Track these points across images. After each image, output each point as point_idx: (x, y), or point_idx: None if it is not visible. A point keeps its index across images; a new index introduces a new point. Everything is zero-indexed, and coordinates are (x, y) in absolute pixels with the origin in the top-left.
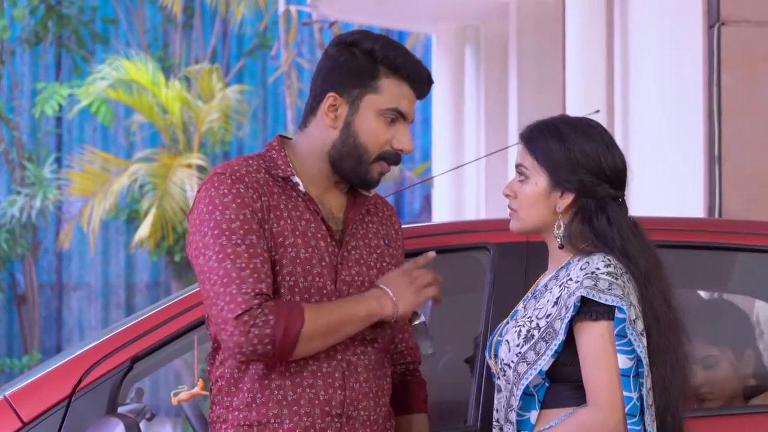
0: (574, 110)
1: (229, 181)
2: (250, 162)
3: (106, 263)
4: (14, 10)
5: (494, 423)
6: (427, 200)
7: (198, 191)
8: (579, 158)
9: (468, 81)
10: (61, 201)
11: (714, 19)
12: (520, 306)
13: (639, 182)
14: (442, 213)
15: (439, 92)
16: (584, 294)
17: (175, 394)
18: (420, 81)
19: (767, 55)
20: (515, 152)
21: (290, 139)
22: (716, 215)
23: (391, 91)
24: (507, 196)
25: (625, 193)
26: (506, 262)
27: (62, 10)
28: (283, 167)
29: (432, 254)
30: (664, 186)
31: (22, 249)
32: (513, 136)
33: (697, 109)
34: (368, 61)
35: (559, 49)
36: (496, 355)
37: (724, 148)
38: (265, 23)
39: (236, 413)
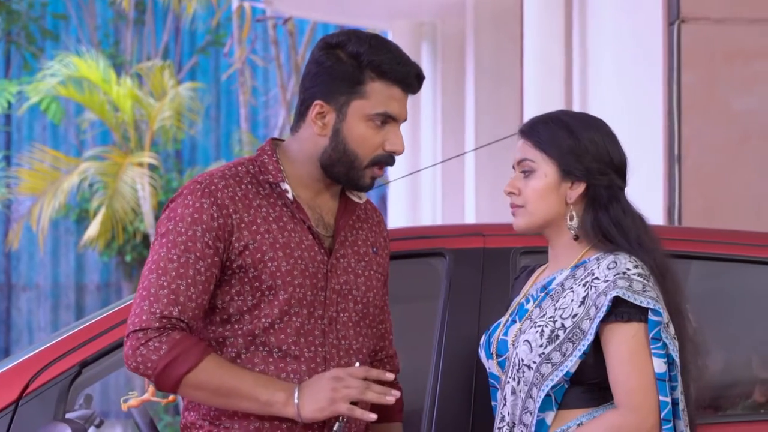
0: (532, 108)
1: (199, 193)
2: (238, 169)
3: (55, 263)
4: None
5: (500, 425)
6: (382, 200)
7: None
8: (588, 146)
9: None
10: (9, 200)
11: (674, 16)
12: (529, 305)
13: None
14: (397, 214)
15: None
16: (620, 294)
17: (125, 400)
18: (409, 81)
19: (728, 53)
20: (472, 156)
21: (283, 141)
22: (676, 215)
23: (379, 95)
24: (510, 194)
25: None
26: (462, 269)
27: (11, 5)
28: (273, 173)
29: (390, 376)
30: None
31: None
32: (470, 134)
33: (657, 108)
34: (354, 65)
35: (517, 46)
36: (498, 355)
37: (684, 148)
38: (218, 20)
39: (217, 422)
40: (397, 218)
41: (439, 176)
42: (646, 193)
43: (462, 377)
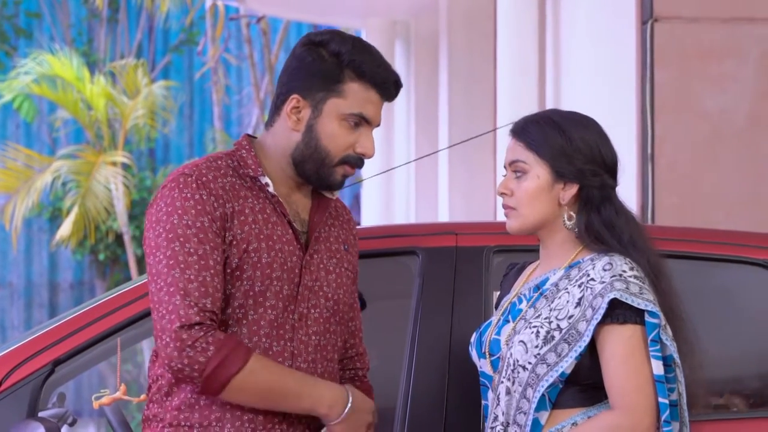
0: (505, 107)
1: (194, 185)
2: (219, 163)
3: (29, 262)
4: None
5: (493, 425)
6: (356, 199)
7: (162, 188)
8: (580, 147)
9: None
10: None
11: (647, 16)
12: (522, 305)
13: None
14: (371, 213)
15: None
16: (618, 297)
17: (97, 398)
18: (387, 86)
19: (701, 52)
20: (445, 155)
21: (256, 137)
22: (649, 214)
23: (356, 96)
24: (503, 194)
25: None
26: (435, 267)
27: None
28: (253, 167)
29: None
30: None
31: None
32: (443, 132)
33: (630, 107)
34: (335, 64)
35: (490, 44)
36: (491, 354)
37: (657, 146)
38: (191, 18)
39: (175, 413)
40: (370, 217)
41: (412, 175)
42: (619, 192)
43: (435, 375)
